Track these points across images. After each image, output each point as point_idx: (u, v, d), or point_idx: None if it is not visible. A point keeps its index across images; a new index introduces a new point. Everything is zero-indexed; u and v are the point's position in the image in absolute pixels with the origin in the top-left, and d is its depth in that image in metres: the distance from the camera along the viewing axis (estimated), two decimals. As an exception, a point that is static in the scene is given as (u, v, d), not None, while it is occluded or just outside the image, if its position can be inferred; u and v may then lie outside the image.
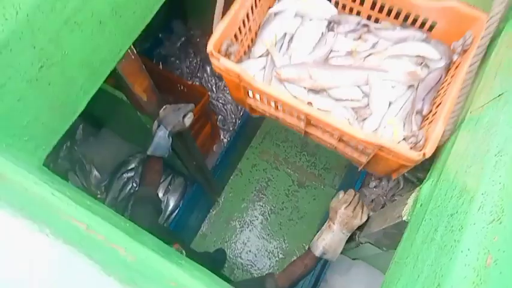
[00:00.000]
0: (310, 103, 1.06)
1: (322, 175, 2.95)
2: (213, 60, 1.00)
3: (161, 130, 1.37)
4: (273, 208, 2.82)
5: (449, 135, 0.88)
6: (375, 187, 2.22)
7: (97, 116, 2.32)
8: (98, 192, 2.23)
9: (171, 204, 2.19)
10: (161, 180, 2.27)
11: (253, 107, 1.15)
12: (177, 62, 2.79)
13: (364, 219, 1.21)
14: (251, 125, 2.93)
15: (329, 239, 1.22)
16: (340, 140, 1.03)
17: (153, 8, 1.22)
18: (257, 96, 1.07)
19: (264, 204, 2.84)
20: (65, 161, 2.26)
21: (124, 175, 2.21)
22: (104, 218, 0.60)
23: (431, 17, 1.02)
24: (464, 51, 0.95)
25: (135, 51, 1.29)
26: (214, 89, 2.76)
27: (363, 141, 0.90)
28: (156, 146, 1.37)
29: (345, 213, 1.20)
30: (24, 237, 0.44)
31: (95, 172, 2.24)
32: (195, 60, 2.79)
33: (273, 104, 1.05)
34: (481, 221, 0.62)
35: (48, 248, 0.43)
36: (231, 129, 2.75)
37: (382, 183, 2.24)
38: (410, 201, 1.05)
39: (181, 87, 2.36)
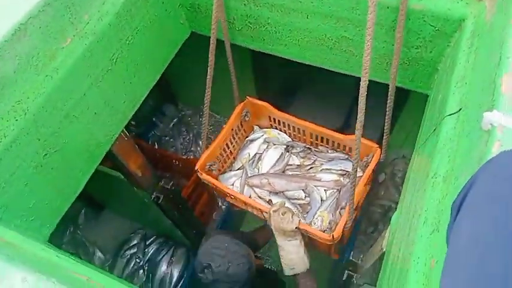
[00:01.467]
0: (270, 200, 1.47)
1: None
2: (199, 175, 1.48)
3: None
4: (278, 269, 2.80)
5: (351, 222, 1.27)
6: (372, 232, 2.27)
7: (98, 199, 2.44)
8: (103, 274, 2.26)
9: (175, 275, 2.20)
10: (164, 254, 2.31)
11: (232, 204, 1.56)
12: (172, 140, 2.99)
13: (296, 221, 1.22)
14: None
15: (284, 254, 1.24)
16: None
17: (140, 96, 1.41)
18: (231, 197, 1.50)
19: (270, 266, 2.82)
20: (69, 245, 2.32)
21: (126, 252, 2.26)
22: (103, 273, 0.70)
23: (347, 144, 1.50)
24: (366, 166, 1.38)
25: (127, 133, 1.45)
26: (208, 160, 2.92)
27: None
28: None
29: (275, 218, 1.21)
30: (33, 285, 0.53)
31: (98, 253, 2.29)
32: (188, 137, 2.99)
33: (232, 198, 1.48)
34: (425, 232, 0.72)
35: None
36: (228, 196, 2.85)
37: (379, 228, 2.28)
38: (387, 233, 1.14)
39: (177, 163, 2.52)
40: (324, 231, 1.32)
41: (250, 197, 1.49)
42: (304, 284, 1.24)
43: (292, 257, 1.23)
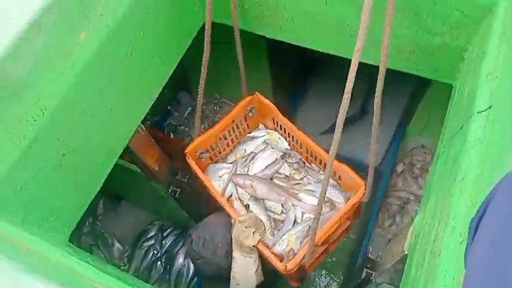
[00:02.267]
0: (248, 205, 1.40)
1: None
2: (187, 159, 1.48)
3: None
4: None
5: (311, 258, 1.21)
6: (389, 226, 2.23)
7: (115, 190, 2.47)
8: (121, 264, 2.30)
9: (192, 268, 2.20)
10: (181, 246, 2.33)
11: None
12: (187, 129, 2.99)
13: (256, 238, 1.18)
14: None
15: (234, 267, 1.20)
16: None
17: (157, 89, 1.40)
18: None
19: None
20: (88, 236, 2.37)
21: (144, 244, 2.29)
22: (125, 282, 0.70)
23: (338, 172, 1.40)
24: (349, 198, 1.29)
25: (143, 127, 1.45)
26: (223, 150, 2.91)
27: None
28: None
29: (237, 228, 1.19)
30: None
31: (117, 244, 2.33)
32: (203, 126, 2.99)
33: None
34: (453, 242, 0.69)
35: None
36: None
37: (397, 221, 2.25)
38: (409, 234, 1.11)
39: (192, 153, 2.51)
40: (285, 256, 1.25)
41: (231, 195, 1.45)
42: None
43: (242, 273, 1.20)
